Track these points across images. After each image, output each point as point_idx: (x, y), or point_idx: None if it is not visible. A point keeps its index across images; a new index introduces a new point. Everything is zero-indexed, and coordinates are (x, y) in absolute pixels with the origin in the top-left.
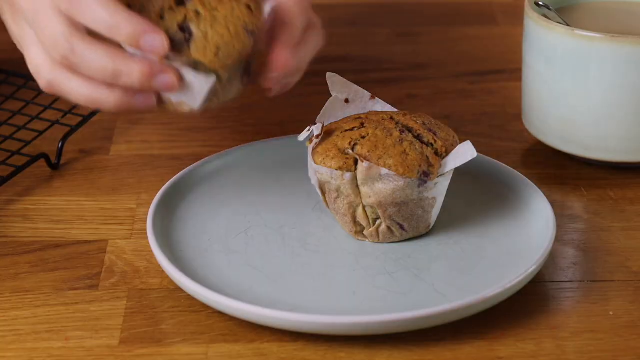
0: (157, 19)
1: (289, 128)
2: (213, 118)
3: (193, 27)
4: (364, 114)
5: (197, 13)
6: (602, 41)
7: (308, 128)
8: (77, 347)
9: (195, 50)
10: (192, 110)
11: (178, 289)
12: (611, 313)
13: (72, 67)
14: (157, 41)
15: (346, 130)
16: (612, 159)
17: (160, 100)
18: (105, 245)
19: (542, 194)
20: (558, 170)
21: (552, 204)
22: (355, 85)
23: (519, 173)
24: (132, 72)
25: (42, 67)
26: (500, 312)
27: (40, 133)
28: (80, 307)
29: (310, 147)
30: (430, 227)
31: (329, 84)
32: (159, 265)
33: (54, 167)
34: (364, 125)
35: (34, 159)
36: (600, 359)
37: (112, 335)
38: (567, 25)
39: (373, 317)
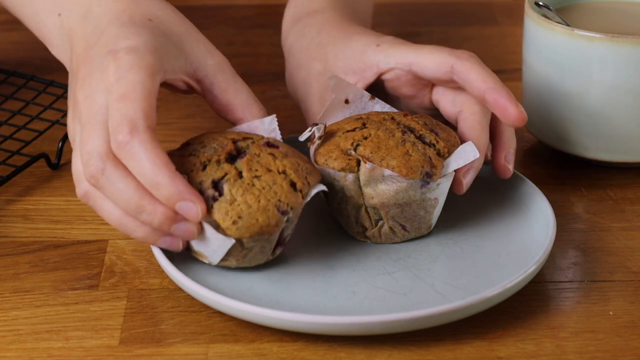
0: (199, 169)
1: (289, 128)
2: (213, 118)
3: (225, 188)
4: (365, 114)
5: (239, 175)
6: (602, 41)
7: (310, 129)
8: (77, 347)
9: (217, 212)
10: (211, 263)
11: (178, 289)
12: (611, 313)
13: (98, 187)
14: (192, 209)
15: (348, 131)
16: (612, 159)
17: (187, 246)
18: (105, 245)
19: (542, 194)
20: (558, 170)
21: (552, 204)
22: (356, 86)
23: (519, 173)
24: (155, 212)
25: (81, 176)
26: (500, 312)
27: (40, 133)
28: (80, 307)
29: (312, 148)
30: (432, 227)
31: (329, 85)
32: (159, 265)
33: (54, 167)
34: (366, 125)
35: (34, 159)
36: (600, 359)
37: (112, 335)
38: (567, 25)
39: (373, 317)
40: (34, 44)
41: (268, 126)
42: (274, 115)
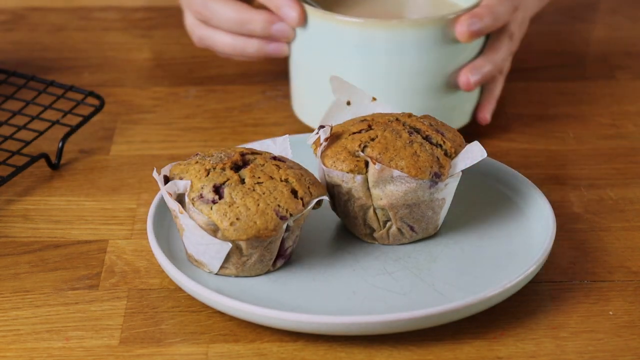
0: (203, 175)
1: (289, 128)
2: (213, 118)
3: (226, 192)
4: (369, 115)
5: (242, 181)
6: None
7: (316, 131)
8: (77, 347)
9: (216, 213)
10: (211, 272)
11: (178, 289)
12: (611, 313)
13: (206, 22)
14: (290, 12)
15: (354, 133)
16: None
17: (188, 256)
18: (105, 245)
19: (542, 194)
20: (558, 170)
21: (552, 204)
22: (357, 88)
23: (519, 173)
24: (255, 19)
25: (193, 27)
26: (500, 312)
27: (40, 133)
28: (80, 307)
29: (319, 151)
30: (438, 227)
31: (331, 86)
32: (159, 265)
33: (54, 167)
34: (372, 127)
35: (34, 159)
36: (600, 359)
37: (112, 335)
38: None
39: (373, 317)
40: (34, 44)
41: (280, 145)
42: (286, 135)
